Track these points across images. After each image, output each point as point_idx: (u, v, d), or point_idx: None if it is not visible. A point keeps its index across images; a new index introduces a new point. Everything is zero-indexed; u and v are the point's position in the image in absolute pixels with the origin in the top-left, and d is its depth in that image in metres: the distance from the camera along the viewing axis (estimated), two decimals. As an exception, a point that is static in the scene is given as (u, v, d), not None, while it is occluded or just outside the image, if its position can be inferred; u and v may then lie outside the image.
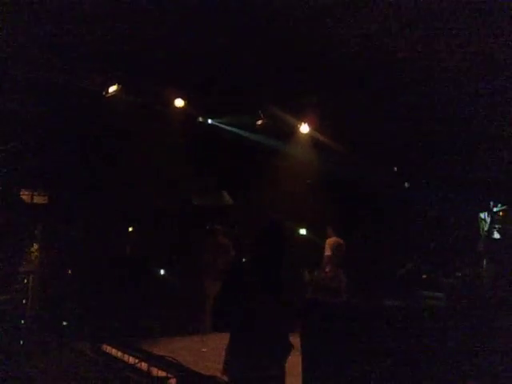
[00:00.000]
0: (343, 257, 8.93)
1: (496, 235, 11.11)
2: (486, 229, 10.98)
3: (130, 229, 10.16)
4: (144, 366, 5.52)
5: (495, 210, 11.05)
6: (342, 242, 9.00)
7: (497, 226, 11.19)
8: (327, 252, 9.99)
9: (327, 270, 9.82)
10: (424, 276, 7.75)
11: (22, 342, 6.26)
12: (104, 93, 7.60)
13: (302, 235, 10.19)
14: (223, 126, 9.50)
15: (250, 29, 5.81)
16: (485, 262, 8.54)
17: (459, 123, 8.64)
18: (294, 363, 6.18)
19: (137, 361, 5.65)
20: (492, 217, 10.97)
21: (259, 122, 8.98)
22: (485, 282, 7.41)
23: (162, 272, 9.55)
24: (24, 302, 6.74)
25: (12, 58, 6.44)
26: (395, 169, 11.81)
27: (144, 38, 6.11)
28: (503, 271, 7.72)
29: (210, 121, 9.47)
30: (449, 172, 10.59)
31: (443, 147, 9.80)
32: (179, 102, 8.29)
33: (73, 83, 7.10)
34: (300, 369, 4.38)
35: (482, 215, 11.13)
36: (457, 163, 10.36)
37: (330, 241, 10.08)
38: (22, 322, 6.58)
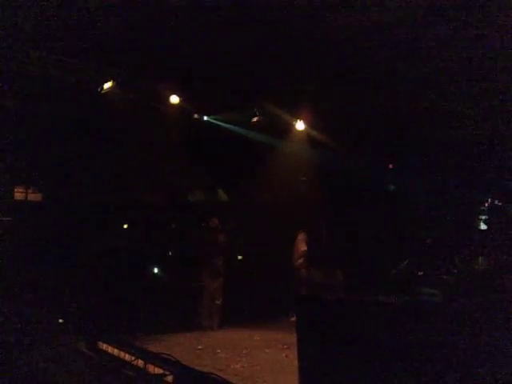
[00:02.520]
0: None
1: (483, 226, 11.20)
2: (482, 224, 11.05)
3: (125, 225, 10.14)
4: (140, 363, 5.50)
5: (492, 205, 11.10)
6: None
7: (483, 217, 11.28)
8: (303, 247, 10.12)
9: (302, 263, 9.99)
10: (420, 273, 7.78)
11: (16, 338, 6.23)
12: (99, 89, 7.56)
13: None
14: (218, 122, 9.49)
15: (245, 25, 5.79)
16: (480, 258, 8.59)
17: (456, 118, 8.67)
18: (290, 360, 6.22)
19: (133, 358, 5.62)
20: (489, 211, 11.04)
21: (255, 119, 8.97)
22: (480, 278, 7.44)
23: (158, 268, 9.54)
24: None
25: (5, 55, 6.39)
26: (390, 166, 11.86)
27: (139, 35, 6.07)
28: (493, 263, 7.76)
29: (205, 117, 9.46)
30: (446, 168, 10.63)
31: (440, 143, 9.84)
32: (174, 99, 8.26)
33: (68, 80, 7.06)
34: (296, 365, 4.39)
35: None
36: (453, 159, 10.41)
37: (303, 236, 10.21)
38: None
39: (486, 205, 11.08)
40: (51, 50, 6.59)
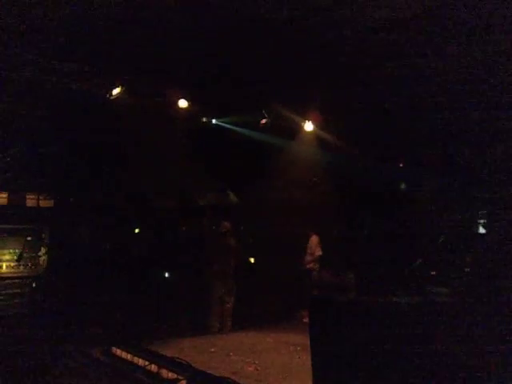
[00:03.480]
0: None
1: (481, 230, 11.09)
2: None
3: (137, 230, 10.18)
4: (154, 368, 5.52)
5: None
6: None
7: (482, 221, 11.17)
8: (318, 251, 10.11)
9: (315, 266, 9.99)
10: (433, 272, 7.72)
11: (30, 346, 6.28)
12: (108, 95, 7.61)
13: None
14: (227, 125, 9.50)
15: (252, 27, 5.79)
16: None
17: (464, 119, 8.61)
18: (303, 362, 6.20)
19: (147, 363, 5.65)
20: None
21: (263, 121, 8.97)
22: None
23: (170, 273, 9.57)
24: (32, 305, 6.76)
25: (16, 62, 6.44)
26: (401, 165, 11.79)
27: (147, 40, 6.10)
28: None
29: (214, 121, 9.48)
30: (456, 167, 10.55)
31: (450, 141, 9.78)
32: (183, 103, 8.29)
33: (77, 86, 7.10)
34: (309, 367, 4.37)
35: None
36: (465, 157, 10.33)
37: (316, 238, 10.19)
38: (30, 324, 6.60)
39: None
40: (60, 56, 6.63)
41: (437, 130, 9.43)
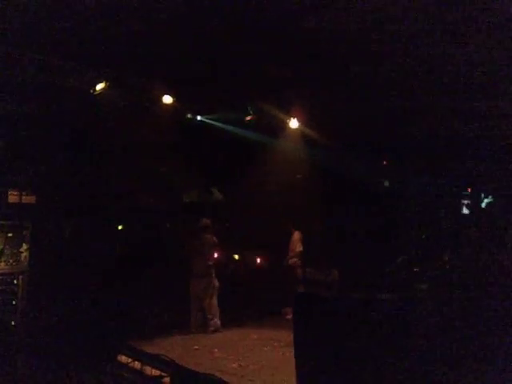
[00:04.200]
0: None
1: (465, 211, 11.24)
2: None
3: (120, 227, 10.11)
4: (137, 364, 5.48)
5: (486, 201, 11.17)
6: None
7: (465, 202, 11.32)
8: (299, 247, 10.17)
9: (297, 262, 10.03)
10: (416, 269, 7.81)
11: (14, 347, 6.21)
12: (91, 90, 7.53)
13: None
14: (212, 122, 9.47)
15: (237, 23, 5.78)
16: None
17: (448, 115, 8.71)
18: (287, 358, 6.22)
19: (130, 360, 5.61)
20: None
21: (248, 118, 8.96)
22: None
23: (152, 270, 9.51)
24: (14, 303, 6.67)
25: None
26: (384, 162, 11.89)
27: (131, 35, 6.05)
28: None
29: (198, 117, 9.44)
30: (437, 164, 10.67)
31: (432, 139, 9.88)
32: (167, 99, 8.24)
33: (60, 81, 7.02)
34: (293, 364, 4.39)
35: (465, 202, 11.25)
36: (444, 155, 10.45)
37: (298, 234, 10.24)
38: (13, 323, 6.52)
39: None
40: (44, 51, 6.55)
41: (422, 129, 9.53)
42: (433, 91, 7.64)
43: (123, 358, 5.64)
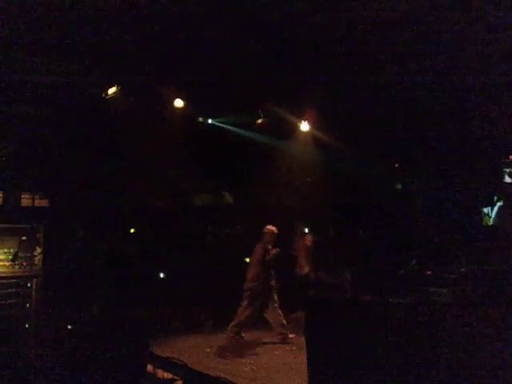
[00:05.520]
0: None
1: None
2: (490, 223, 10.99)
3: (132, 230, 10.16)
4: (150, 368, 5.50)
5: (498, 204, 11.05)
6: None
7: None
8: (310, 252, 10.07)
9: (311, 268, 9.92)
10: (429, 272, 7.74)
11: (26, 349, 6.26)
12: (103, 95, 7.58)
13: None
14: (223, 125, 9.49)
15: (248, 26, 5.78)
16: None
17: (460, 117, 8.64)
18: (299, 361, 6.19)
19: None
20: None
21: (259, 121, 8.96)
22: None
23: (164, 272, 9.55)
24: (28, 306, 6.71)
25: (10, 60, 6.41)
26: (396, 165, 11.81)
27: (143, 39, 6.08)
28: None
29: (209, 121, 9.46)
30: (450, 167, 10.59)
31: (445, 142, 9.81)
32: (179, 103, 8.27)
33: (73, 85, 7.08)
34: (305, 367, 4.37)
35: (485, 210, 11.14)
36: (458, 158, 10.36)
37: (310, 239, 10.09)
38: (27, 326, 6.56)
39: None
40: (56, 55, 6.60)
41: (433, 131, 9.47)
42: (444, 93, 7.59)
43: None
